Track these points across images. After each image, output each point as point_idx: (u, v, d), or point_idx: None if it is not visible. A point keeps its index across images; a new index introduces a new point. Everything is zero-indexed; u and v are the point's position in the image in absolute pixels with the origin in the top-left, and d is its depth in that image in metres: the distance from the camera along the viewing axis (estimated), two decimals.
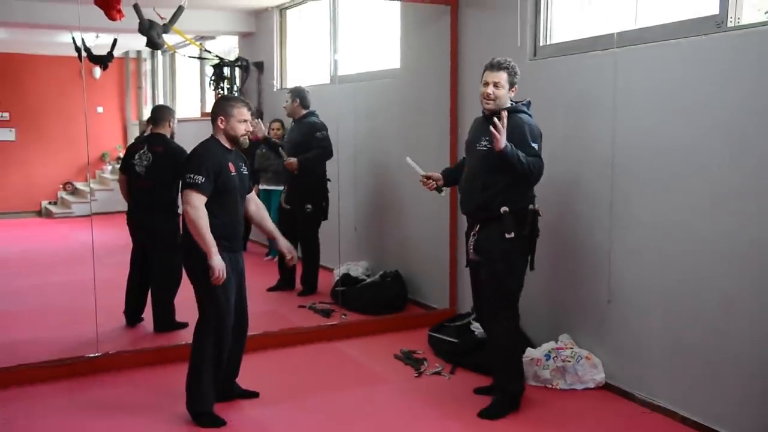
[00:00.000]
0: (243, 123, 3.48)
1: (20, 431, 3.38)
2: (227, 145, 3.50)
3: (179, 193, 3.70)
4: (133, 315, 4.92)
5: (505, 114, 3.32)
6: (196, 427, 3.38)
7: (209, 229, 3.30)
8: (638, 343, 3.69)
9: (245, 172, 3.59)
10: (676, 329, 3.47)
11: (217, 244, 3.33)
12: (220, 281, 3.32)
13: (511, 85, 3.48)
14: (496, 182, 3.41)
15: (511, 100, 3.53)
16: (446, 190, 3.83)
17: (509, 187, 3.42)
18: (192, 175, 3.32)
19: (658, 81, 3.52)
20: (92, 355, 4.14)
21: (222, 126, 3.47)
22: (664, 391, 3.55)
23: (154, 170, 4.64)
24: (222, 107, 3.49)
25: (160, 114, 4.88)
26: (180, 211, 3.60)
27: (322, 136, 5.58)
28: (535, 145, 3.41)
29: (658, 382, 3.58)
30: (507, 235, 3.41)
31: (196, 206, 3.30)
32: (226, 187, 3.40)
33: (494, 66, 3.46)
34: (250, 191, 3.69)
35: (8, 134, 10.37)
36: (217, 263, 3.29)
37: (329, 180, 5.78)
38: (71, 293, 5.69)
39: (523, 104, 3.54)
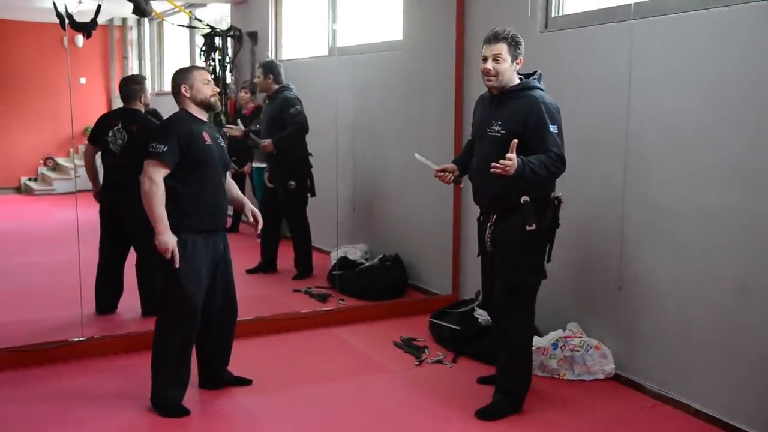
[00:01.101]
0: (207, 84, 3.45)
1: None
2: (199, 115, 3.46)
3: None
4: (106, 301, 4.86)
5: (515, 142, 3.16)
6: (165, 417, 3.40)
7: (163, 205, 3.26)
8: (650, 332, 3.71)
9: (222, 143, 3.55)
10: (690, 318, 3.50)
11: (198, 224, 3.32)
12: (170, 255, 3.28)
13: (515, 57, 3.31)
14: None
15: (520, 74, 3.41)
16: (464, 180, 3.71)
17: None
18: (154, 144, 3.26)
19: (677, 55, 3.51)
20: (76, 339, 4.16)
21: (188, 93, 3.42)
22: (677, 383, 3.58)
23: (130, 149, 4.59)
24: (180, 77, 3.45)
25: (129, 89, 4.78)
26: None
27: (296, 111, 5.58)
28: (554, 128, 3.25)
29: (671, 373, 3.61)
30: (528, 227, 3.30)
31: (151, 177, 3.24)
32: (202, 157, 3.35)
33: (491, 38, 3.30)
34: (229, 167, 3.65)
35: None
36: (165, 241, 3.26)
37: (311, 155, 5.80)
38: (54, 274, 5.70)
39: (534, 78, 3.40)
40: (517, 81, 3.38)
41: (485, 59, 3.32)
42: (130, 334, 4.31)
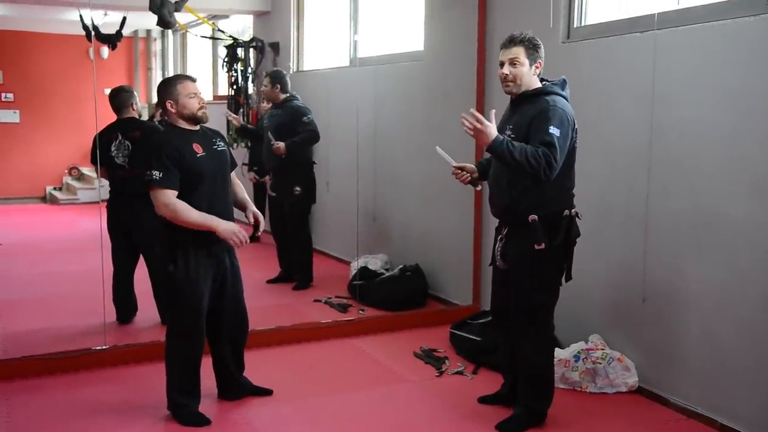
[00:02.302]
0: (194, 98, 3.37)
1: (21, 428, 3.43)
2: (189, 127, 3.41)
3: None
4: (123, 312, 4.89)
5: (494, 111, 3.09)
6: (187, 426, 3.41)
7: (193, 211, 3.26)
8: (674, 345, 3.66)
9: (221, 147, 3.49)
10: (716, 330, 3.45)
11: (198, 237, 3.31)
12: (241, 241, 3.33)
13: (533, 60, 3.21)
14: (523, 181, 3.16)
15: (544, 80, 3.31)
16: (483, 184, 3.60)
17: (538, 189, 3.16)
18: (149, 172, 3.24)
19: (701, 65, 3.48)
20: (98, 348, 4.19)
21: (173, 109, 3.36)
22: (702, 397, 3.52)
23: (137, 157, 4.57)
24: (165, 91, 3.39)
25: (120, 99, 4.74)
26: None
27: (309, 120, 5.64)
28: (556, 131, 3.06)
29: (696, 386, 3.56)
30: (537, 247, 3.18)
31: (165, 204, 3.24)
32: (194, 171, 3.30)
33: (507, 42, 3.23)
34: (234, 167, 3.62)
35: (12, 116, 10.46)
36: (225, 230, 3.29)
37: (315, 163, 5.84)
38: (78, 282, 5.76)
39: (555, 84, 3.27)
40: (538, 86, 3.27)
41: (502, 64, 3.25)
42: (150, 343, 4.32)
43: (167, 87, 3.40)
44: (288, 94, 5.78)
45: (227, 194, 3.52)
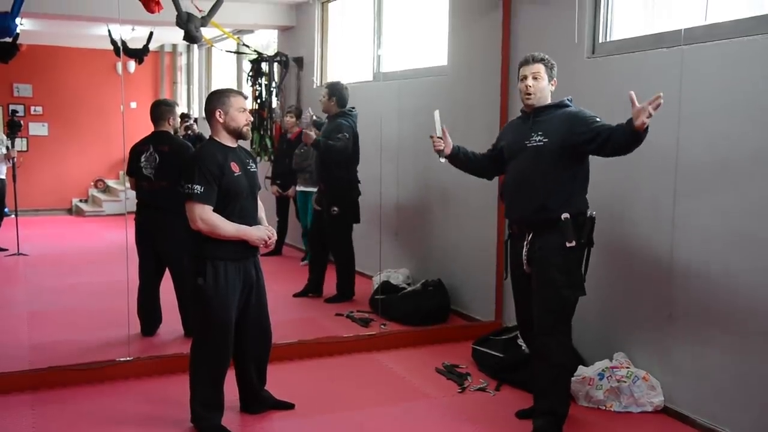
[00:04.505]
0: (243, 113, 3.44)
1: None
2: (229, 143, 3.46)
3: None
4: (148, 324, 4.93)
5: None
6: None
7: (228, 223, 3.33)
8: (701, 364, 3.61)
9: (253, 169, 3.56)
10: (744, 348, 3.39)
11: (227, 251, 3.36)
12: (271, 241, 3.45)
13: (550, 77, 3.51)
14: (555, 179, 3.38)
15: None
16: (445, 161, 3.84)
17: (567, 189, 3.40)
18: (189, 185, 3.28)
19: (729, 80, 3.45)
20: (123, 359, 4.22)
21: (221, 119, 3.41)
22: (730, 418, 3.46)
23: (164, 170, 4.66)
24: (217, 99, 3.44)
25: (159, 111, 4.85)
26: None
27: (342, 136, 5.57)
28: (600, 120, 3.37)
29: (723, 407, 3.50)
30: (568, 244, 3.35)
31: (205, 219, 3.28)
32: (230, 189, 3.36)
33: (529, 59, 3.51)
34: (259, 190, 3.66)
35: (41, 129, 10.62)
36: (258, 238, 3.40)
37: (359, 182, 5.82)
38: (103, 294, 5.82)
39: (567, 100, 3.54)
40: (551, 100, 3.54)
41: (524, 78, 3.51)
42: (173, 355, 4.35)
43: (220, 97, 3.45)
44: (342, 109, 5.75)
45: (256, 212, 3.57)
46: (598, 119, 3.37)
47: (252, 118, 3.52)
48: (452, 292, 5.52)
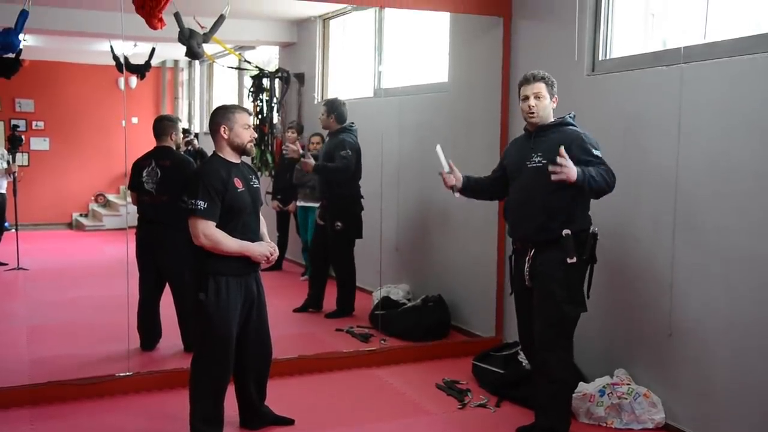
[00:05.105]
0: (247, 129, 3.45)
1: None
2: (233, 159, 3.46)
3: None
4: (147, 339, 4.92)
5: (562, 148, 3.25)
6: None
7: (230, 239, 3.33)
8: (703, 381, 3.60)
9: (256, 185, 3.57)
10: (746, 366, 3.38)
11: (229, 267, 3.36)
12: (273, 257, 3.46)
13: (551, 95, 3.52)
14: (557, 200, 3.38)
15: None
16: (460, 196, 3.82)
17: (569, 206, 3.40)
18: (193, 201, 3.28)
19: (729, 99, 3.46)
20: (122, 374, 4.21)
21: (226, 135, 3.42)
22: None
23: (165, 185, 4.67)
24: (222, 115, 3.45)
25: (161, 126, 4.88)
26: None
27: (345, 154, 5.59)
28: (598, 153, 3.37)
29: (725, 424, 3.49)
30: (569, 260, 3.37)
31: (208, 235, 3.29)
32: (233, 205, 3.36)
33: (530, 78, 3.51)
34: (262, 204, 3.67)
35: (43, 143, 10.67)
36: (260, 254, 3.40)
37: (362, 197, 5.83)
38: (103, 308, 5.81)
39: (569, 116, 3.55)
40: (553, 119, 3.54)
41: (526, 98, 3.51)
42: (173, 370, 4.33)
43: (225, 113, 3.46)
44: (342, 125, 5.76)
45: (258, 228, 3.57)
46: (595, 152, 3.35)
47: (256, 135, 3.51)
48: (452, 308, 5.51)
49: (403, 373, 4.65)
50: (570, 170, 3.17)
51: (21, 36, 4.59)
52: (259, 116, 7.94)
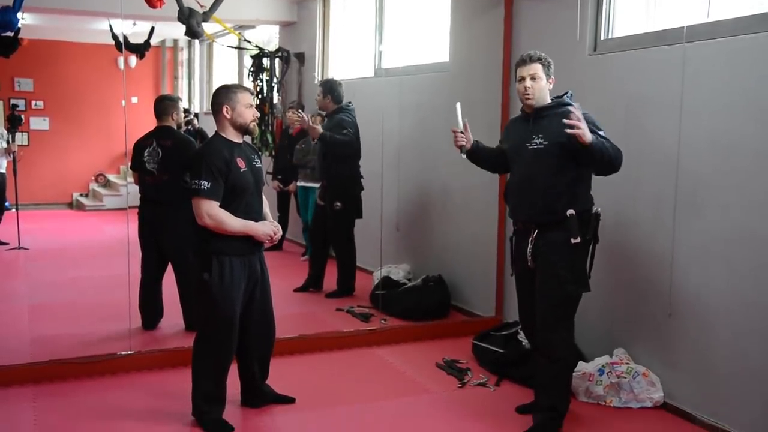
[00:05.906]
0: (249, 108, 3.43)
1: (47, 431, 3.47)
2: (235, 138, 3.45)
3: None
4: (149, 318, 4.93)
5: (577, 106, 3.24)
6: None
7: (235, 219, 3.33)
8: (701, 360, 3.61)
9: (258, 164, 3.56)
10: (745, 346, 3.39)
11: (233, 246, 3.35)
12: (277, 236, 3.45)
13: (548, 76, 3.47)
14: (559, 181, 3.35)
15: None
16: (465, 157, 3.76)
17: (572, 187, 3.37)
18: (196, 181, 3.27)
19: (731, 78, 3.44)
20: (124, 352, 4.23)
21: (228, 115, 3.40)
22: (730, 414, 3.47)
23: (166, 165, 4.67)
24: (224, 95, 3.42)
25: (162, 106, 4.86)
26: None
27: (346, 132, 5.56)
28: (602, 132, 3.33)
29: (723, 403, 3.50)
30: (573, 240, 3.34)
31: (212, 215, 3.28)
32: (236, 185, 3.36)
33: (526, 59, 3.46)
34: (263, 186, 3.65)
35: (42, 123, 10.63)
36: (263, 233, 3.40)
37: (362, 177, 5.82)
38: (104, 288, 5.83)
39: (567, 96, 3.49)
40: (550, 100, 3.50)
41: (522, 79, 3.46)
42: (174, 349, 4.35)
43: (227, 93, 3.43)
44: (339, 105, 5.73)
45: (261, 208, 3.57)
46: (601, 132, 3.30)
47: (258, 114, 3.49)
48: (453, 288, 5.52)
49: (403, 352, 4.67)
50: (585, 129, 3.12)
51: (19, 14, 4.55)
52: (260, 96, 7.90)
